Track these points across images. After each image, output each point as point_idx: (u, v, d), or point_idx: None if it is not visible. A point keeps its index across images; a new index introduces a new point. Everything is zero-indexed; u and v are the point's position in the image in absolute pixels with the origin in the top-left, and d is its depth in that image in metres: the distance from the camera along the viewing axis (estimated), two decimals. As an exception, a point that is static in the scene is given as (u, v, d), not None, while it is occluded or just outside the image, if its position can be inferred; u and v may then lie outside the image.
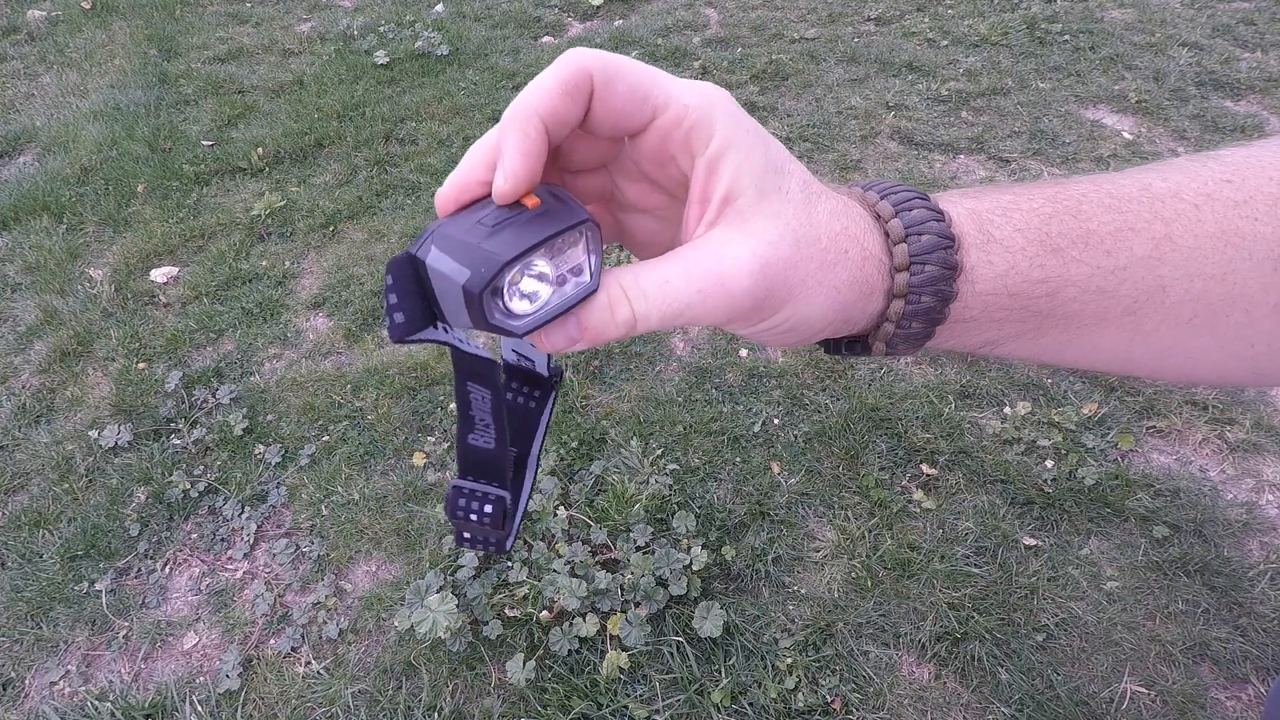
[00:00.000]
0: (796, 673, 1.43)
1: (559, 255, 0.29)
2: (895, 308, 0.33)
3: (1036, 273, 0.33)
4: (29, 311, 2.37)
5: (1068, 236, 0.33)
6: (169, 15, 4.11)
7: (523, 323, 0.28)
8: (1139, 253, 0.32)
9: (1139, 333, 0.34)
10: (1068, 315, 0.34)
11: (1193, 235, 0.32)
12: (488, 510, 0.34)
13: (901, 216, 0.33)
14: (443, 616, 1.45)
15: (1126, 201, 0.33)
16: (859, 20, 3.71)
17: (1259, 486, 1.69)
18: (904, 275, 0.32)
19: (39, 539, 1.77)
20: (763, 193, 0.30)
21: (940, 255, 0.32)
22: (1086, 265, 0.33)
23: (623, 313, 0.29)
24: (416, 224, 2.57)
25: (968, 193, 0.35)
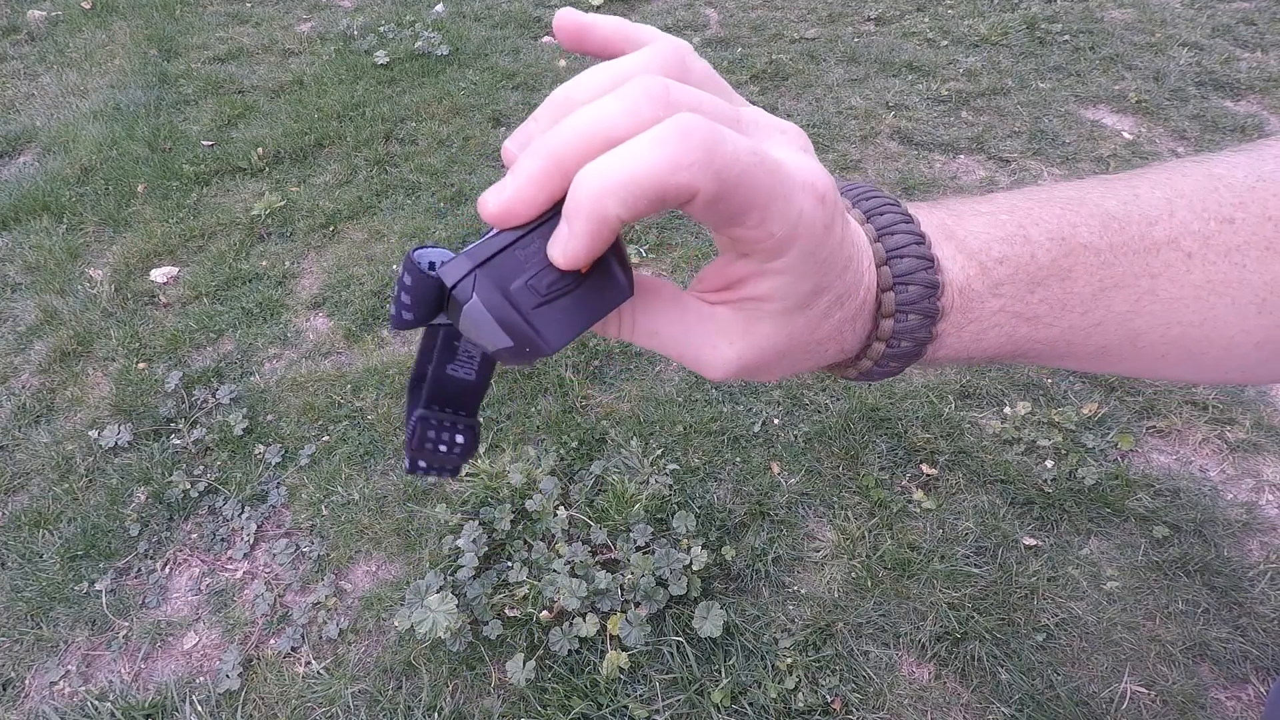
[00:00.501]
0: (796, 673, 1.43)
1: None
2: (863, 366, 0.34)
3: (1005, 340, 0.34)
4: (29, 311, 2.37)
5: (1048, 303, 0.33)
6: (169, 15, 4.11)
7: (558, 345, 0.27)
8: (1117, 309, 0.33)
9: (1103, 363, 0.35)
10: (1033, 355, 0.35)
11: (1177, 286, 0.32)
12: (459, 440, 0.32)
13: (897, 290, 0.32)
14: (443, 616, 1.45)
15: (1122, 253, 0.33)
16: (859, 20, 3.71)
17: (1259, 486, 1.69)
18: (880, 345, 0.33)
19: (39, 539, 1.77)
20: (788, 312, 0.29)
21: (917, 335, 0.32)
22: (1058, 327, 0.33)
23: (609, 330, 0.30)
24: (416, 224, 2.57)
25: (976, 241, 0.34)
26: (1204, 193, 0.34)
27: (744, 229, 0.25)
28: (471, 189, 2.69)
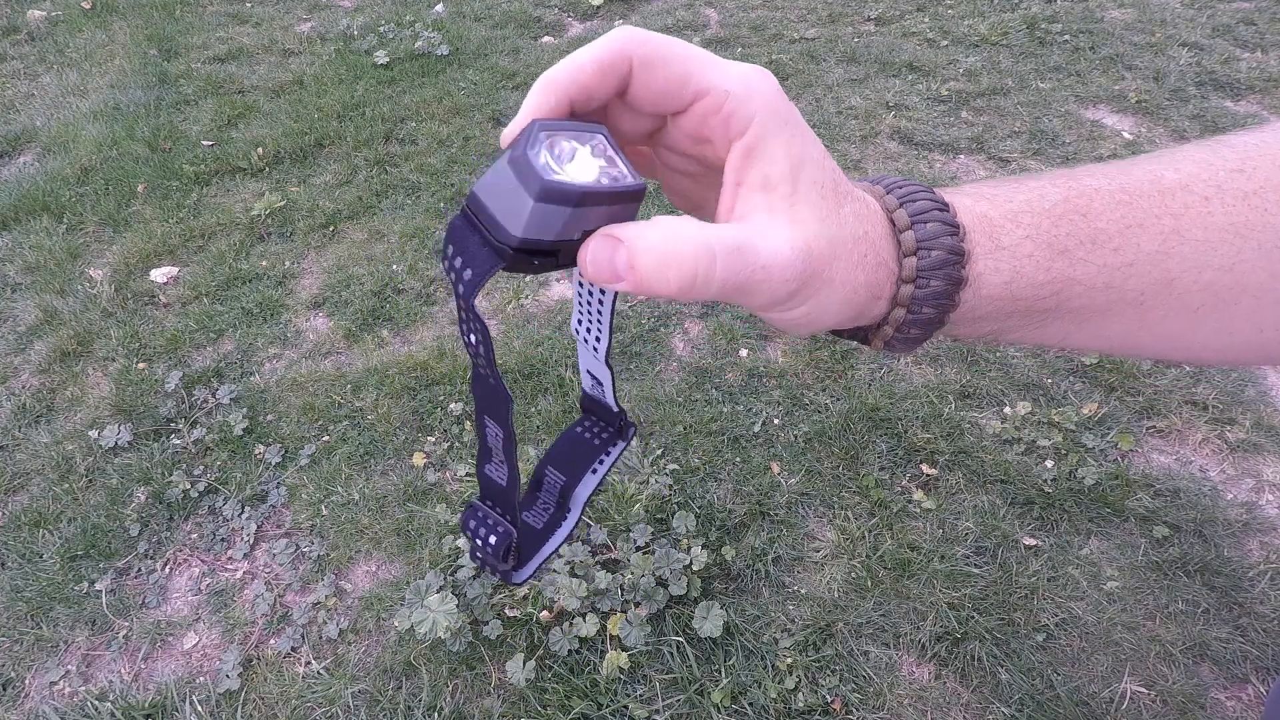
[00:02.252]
0: (796, 673, 1.43)
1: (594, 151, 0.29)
2: (897, 315, 0.34)
3: (1042, 275, 0.33)
4: (29, 311, 2.37)
5: (1075, 237, 0.33)
6: (169, 15, 4.11)
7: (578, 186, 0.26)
8: (1146, 248, 0.33)
9: (1145, 322, 0.34)
10: (1073, 310, 0.34)
11: (1201, 228, 0.32)
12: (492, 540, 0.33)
13: (916, 229, 0.33)
14: (443, 616, 1.45)
15: (1136, 196, 0.33)
16: (859, 20, 3.71)
17: (1259, 486, 1.69)
18: (909, 288, 0.33)
19: (39, 539, 1.77)
20: (797, 186, 0.30)
21: (947, 272, 0.32)
22: (1093, 264, 0.33)
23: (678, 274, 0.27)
24: (417, 224, 2.57)
25: (983, 193, 0.35)
26: (1206, 152, 0.34)
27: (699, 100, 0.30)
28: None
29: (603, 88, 0.30)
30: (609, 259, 0.28)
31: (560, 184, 0.26)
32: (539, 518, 0.37)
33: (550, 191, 0.26)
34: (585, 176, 0.27)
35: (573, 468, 0.37)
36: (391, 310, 2.27)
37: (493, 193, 0.27)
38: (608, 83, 0.30)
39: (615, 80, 0.30)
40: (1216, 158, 0.34)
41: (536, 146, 0.27)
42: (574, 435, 0.37)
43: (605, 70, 0.29)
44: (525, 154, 0.26)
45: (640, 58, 0.29)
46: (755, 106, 0.29)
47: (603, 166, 0.28)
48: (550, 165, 0.27)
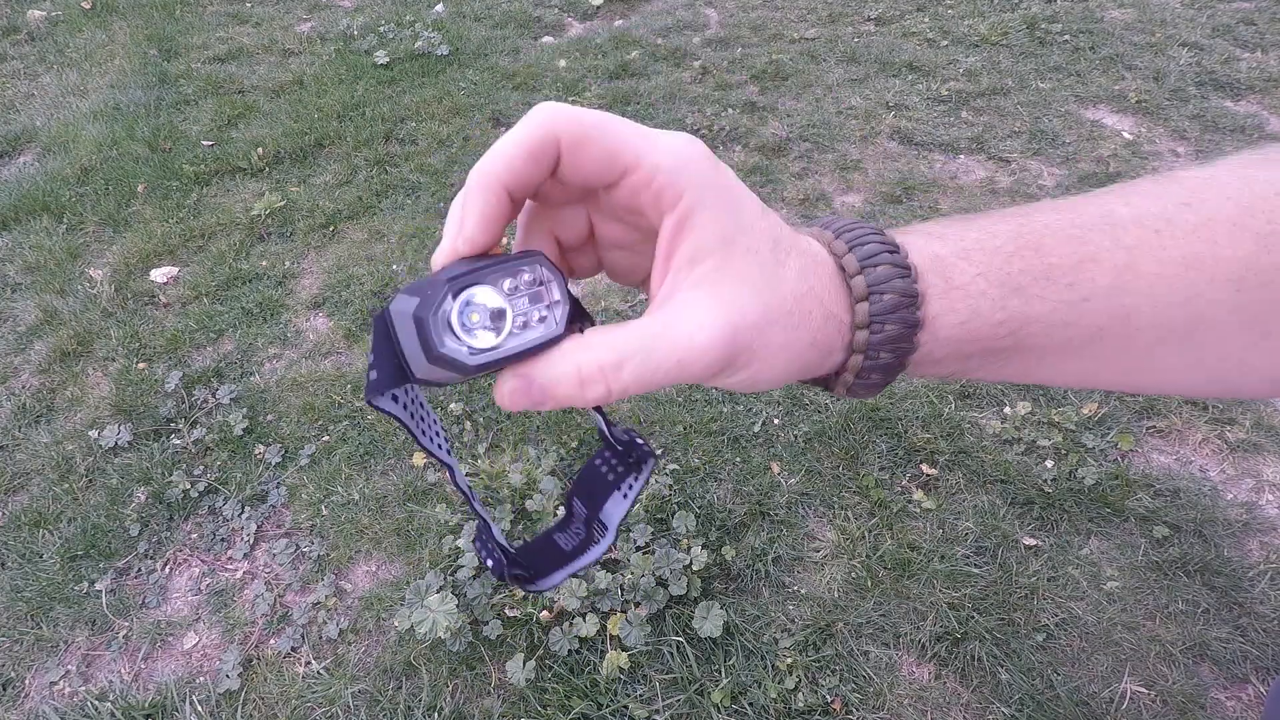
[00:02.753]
0: (796, 673, 1.43)
1: (517, 295, 0.29)
2: (855, 361, 0.34)
3: (998, 314, 0.33)
4: (29, 311, 2.37)
5: (1030, 274, 0.33)
6: (169, 15, 4.11)
7: (476, 358, 0.28)
8: (1101, 283, 0.33)
9: (1104, 358, 0.34)
10: (1032, 348, 0.34)
11: (1155, 261, 0.32)
12: (489, 564, 0.36)
13: (866, 274, 0.32)
14: (443, 616, 1.45)
15: (1089, 230, 0.33)
16: (859, 20, 3.71)
17: (1259, 486, 1.69)
18: (864, 333, 0.33)
19: (39, 539, 1.77)
20: (729, 255, 0.30)
21: (901, 315, 0.32)
22: (1049, 301, 0.33)
23: (595, 390, 0.29)
24: (416, 224, 2.57)
25: (934, 231, 0.35)
26: (1157, 187, 0.34)
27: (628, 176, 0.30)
28: (471, 189, 2.69)
29: (536, 172, 0.30)
30: (525, 395, 0.29)
31: (452, 358, 0.27)
32: (570, 541, 0.38)
33: (443, 360, 0.27)
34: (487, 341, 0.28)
35: (593, 499, 0.38)
36: (391, 310, 2.27)
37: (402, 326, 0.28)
38: (540, 166, 0.30)
39: (547, 163, 0.30)
40: (1166, 192, 0.34)
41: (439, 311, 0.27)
42: (593, 468, 0.38)
43: (535, 156, 0.29)
44: (425, 318, 0.27)
45: (568, 138, 0.29)
46: (685, 179, 0.29)
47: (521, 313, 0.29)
48: (452, 332, 0.28)
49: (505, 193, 0.30)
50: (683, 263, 0.30)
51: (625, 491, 0.38)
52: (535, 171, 0.30)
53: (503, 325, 0.28)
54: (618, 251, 0.36)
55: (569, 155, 0.30)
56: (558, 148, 0.29)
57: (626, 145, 0.29)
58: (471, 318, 0.28)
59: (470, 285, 0.28)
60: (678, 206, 0.29)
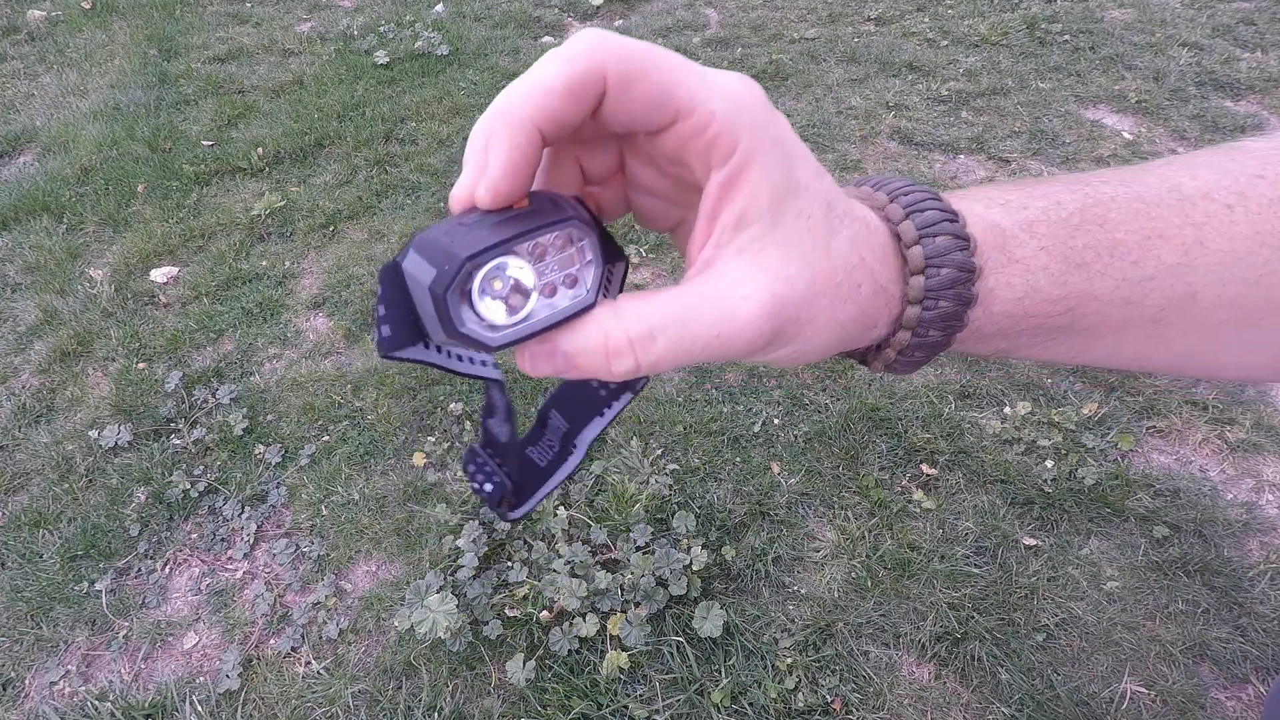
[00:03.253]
0: (796, 673, 1.43)
1: (544, 260, 0.26)
2: (900, 338, 0.31)
3: (1057, 291, 0.31)
4: (29, 311, 2.37)
5: (1094, 249, 0.31)
6: (169, 15, 4.11)
7: (499, 335, 0.26)
8: (1168, 261, 0.31)
9: (1162, 339, 0.33)
10: (1087, 327, 0.32)
11: (1226, 239, 0.31)
12: (488, 488, 0.33)
13: (924, 244, 0.30)
14: (443, 616, 1.45)
15: (1155, 205, 0.31)
16: (859, 20, 3.71)
17: (1259, 486, 1.69)
18: (915, 309, 0.31)
19: (39, 539, 1.77)
20: (779, 219, 0.27)
21: (957, 291, 0.30)
22: (1112, 278, 0.31)
23: (624, 364, 0.26)
24: (417, 224, 2.57)
25: (995, 198, 0.33)
26: (1222, 157, 0.33)
27: (679, 122, 0.26)
28: (471, 189, 2.69)
29: (576, 113, 0.26)
30: (548, 361, 0.27)
31: (473, 338, 0.25)
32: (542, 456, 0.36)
33: (463, 339, 0.26)
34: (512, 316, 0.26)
35: (576, 414, 0.36)
36: (391, 310, 2.27)
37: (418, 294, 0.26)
38: (582, 106, 0.25)
39: (589, 102, 0.25)
40: (1234, 163, 0.32)
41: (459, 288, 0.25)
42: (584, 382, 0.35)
43: (578, 92, 0.25)
44: (443, 295, 0.25)
45: (616, 74, 0.25)
46: (741, 130, 0.26)
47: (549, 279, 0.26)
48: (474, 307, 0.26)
49: (538, 134, 0.26)
50: (728, 225, 0.27)
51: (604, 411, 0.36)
52: (575, 111, 0.26)
53: (528, 298, 0.26)
54: (649, 197, 0.32)
55: (616, 94, 0.25)
56: (603, 85, 0.25)
57: (681, 86, 0.25)
58: (494, 285, 0.25)
59: (494, 257, 0.25)
60: (730, 161, 0.26)
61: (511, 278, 0.26)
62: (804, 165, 0.28)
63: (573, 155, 0.31)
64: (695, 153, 0.27)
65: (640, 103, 0.26)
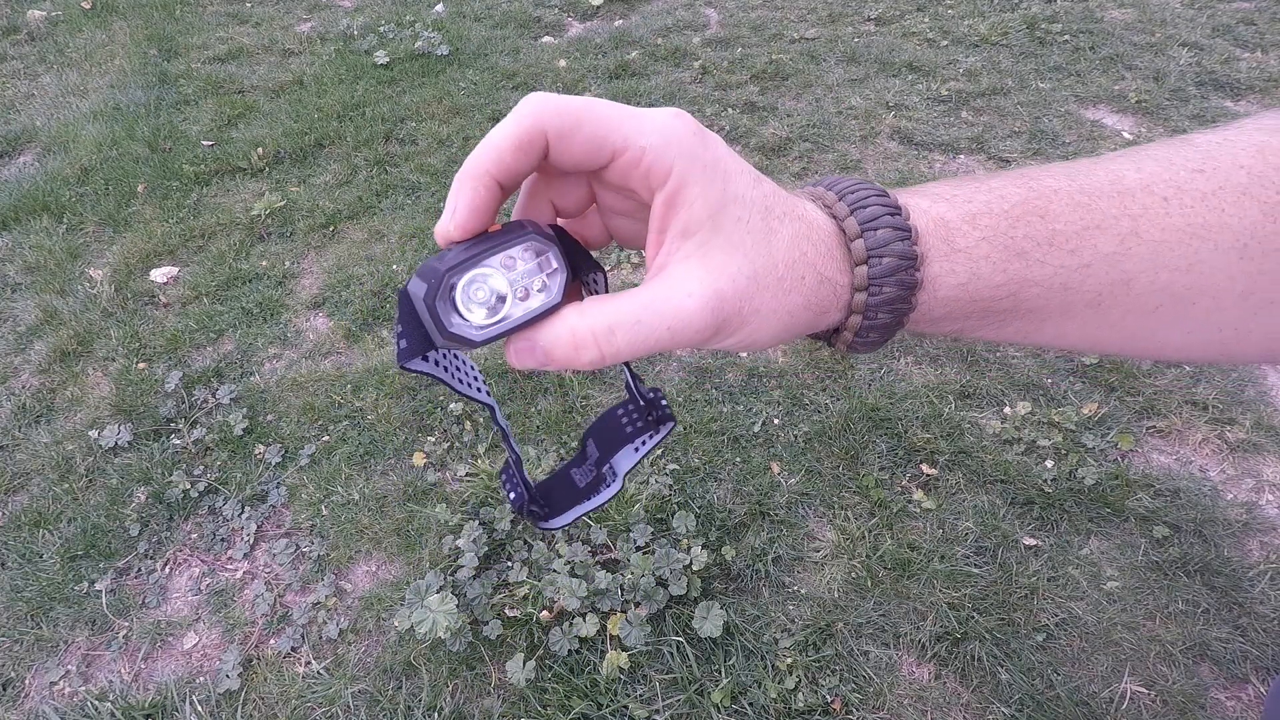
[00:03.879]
0: (796, 673, 1.43)
1: (515, 270, 0.31)
2: (853, 321, 0.34)
3: (999, 277, 0.34)
4: (29, 311, 2.37)
5: (1033, 239, 0.33)
6: (169, 15, 4.11)
7: (481, 332, 0.31)
8: (1104, 250, 0.33)
9: (1104, 322, 0.35)
10: (1031, 310, 0.35)
11: (1159, 229, 0.33)
12: (511, 496, 0.38)
13: (866, 237, 0.33)
14: (443, 616, 1.45)
15: (1096, 197, 0.34)
16: (859, 20, 3.71)
17: (1259, 486, 1.69)
18: (862, 295, 0.33)
19: (39, 539, 1.77)
20: (719, 226, 0.31)
21: (900, 277, 0.33)
22: (1050, 265, 0.33)
23: (588, 354, 0.30)
24: (416, 224, 2.57)
25: (942, 194, 0.36)
26: (1170, 151, 0.35)
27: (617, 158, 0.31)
28: (471, 189, 2.68)
29: (525, 164, 0.31)
30: (530, 355, 0.32)
31: (460, 335, 0.31)
32: (582, 478, 0.41)
33: (454, 338, 0.31)
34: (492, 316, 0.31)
35: (607, 446, 0.40)
36: (391, 310, 2.27)
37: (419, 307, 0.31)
38: (529, 158, 0.31)
39: (535, 154, 0.31)
40: (1179, 157, 0.34)
41: (443, 297, 0.30)
42: (613, 416, 0.40)
43: (524, 148, 0.30)
44: (433, 303, 0.30)
45: (554, 129, 0.30)
46: (672, 156, 0.30)
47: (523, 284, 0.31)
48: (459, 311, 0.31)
49: (495, 183, 0.31)
50: (675, 236, 0.31)
51: (638, 446, 0.40)
52: (524, 162, 0.31)
53: (505, 301, 0.31)
54: (621, 219, 0.37)
55: (557, 145, 0.30)
56: (545, 139, 0.30)
57: (613, 130, 0.30)
58: (477, 295, 0.31)
59: (469, 270, 0.31)
60: (667, 183, 0.30)
61: (490, 285, 0.31)
62: (737, 178, 0.32)
63: (545, 195, 0.36)
64: (637, 181, 0.31)
65: (580, 148, 0.31)
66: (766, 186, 0.33)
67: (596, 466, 0.40)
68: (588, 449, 0.41)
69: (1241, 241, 0.32)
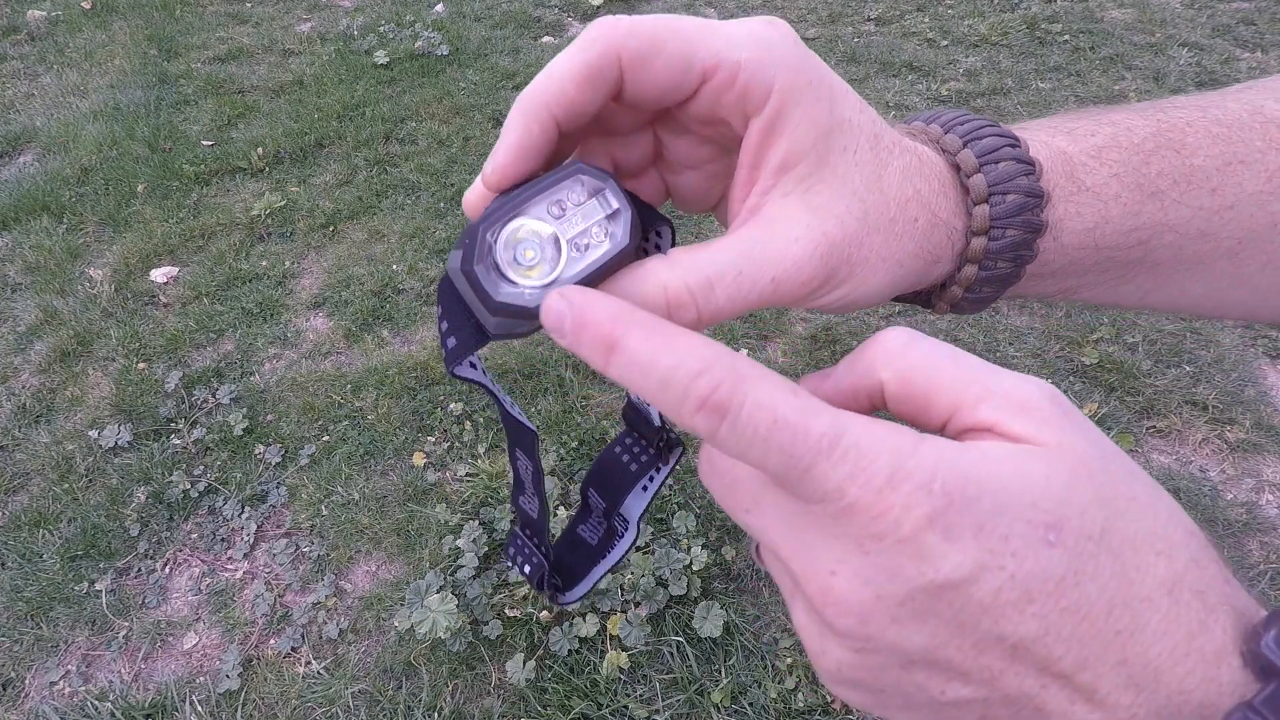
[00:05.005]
0: (796, 673, 1.43)
1: (565, 216, 0.25)
2: (967, 273, 0.30)
3: (1130, 221, 0.29)
4: (29, 311, 2.37)
5: (1169, 176, 0.29)
6: (169, 15, 4.12)
7: (539, 297, 0.24)
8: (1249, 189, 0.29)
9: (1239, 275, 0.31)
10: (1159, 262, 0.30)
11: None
12: (527, 570, 0.34)
13: (986, 171, 0.29)
14: (443, 616, 1.45)
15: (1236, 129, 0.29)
16: (859, 20, 3.71)
17: (1259, 486, 1.69)
18: (981, 240, 0.29)
19: (39, 539, 1.77)
20: (824, 157, 0.26)
21: (1025, 219, 0.28)
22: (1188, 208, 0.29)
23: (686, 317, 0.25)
24: (417, 224, 2.57)
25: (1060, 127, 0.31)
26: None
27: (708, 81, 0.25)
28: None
29: (592, 99, 0.25)
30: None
31: (512, 304, 0.25)
32: (593, 534, 0.36)
33: (506, 309, 0.25)
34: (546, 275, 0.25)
35: (612, 492, 0.35)
36: (391, 310, 2.27)
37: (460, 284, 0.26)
38: (598, 92, 0.25)
39: (606, 87, 0.25)
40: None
41: (483, 257, 0.25)
42: (612, 456, 0.35)
43: (593, 79, 0.25)
44: (472, 269, 0.24)
45: (630, 53, 0.25)
46: (773, 72, 0.25)
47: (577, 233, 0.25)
48: (505, 275, 0.25)
49: (553, 123, 0.26)
50: (773, 168, 0.26)
51: (646, 484, 0.34)
52: (593, 98, 0.25)
53: (559, 253, 0.25)
54: (687, 173, 0.31)
55: (634, 73, 0.25)
56: (619, 68, 0.25)
57: (702, 46, 0.25)
58: (526, 254, 0.25)
59: (508, 220, 0.25)
60: (766, 106, 0.25)
61: (539, 236, 0.25)
62: (845, 100, 0.26)
63: (605, 149, 0.30)
64: (730, 108, 0.26)
65: (663, 74, 0.25)
66: (872, 112, 0.28)
67: (605, 518, 0.35)
68: (590, 500, 0.36)
69: None
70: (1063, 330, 2.04)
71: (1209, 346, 1.96)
